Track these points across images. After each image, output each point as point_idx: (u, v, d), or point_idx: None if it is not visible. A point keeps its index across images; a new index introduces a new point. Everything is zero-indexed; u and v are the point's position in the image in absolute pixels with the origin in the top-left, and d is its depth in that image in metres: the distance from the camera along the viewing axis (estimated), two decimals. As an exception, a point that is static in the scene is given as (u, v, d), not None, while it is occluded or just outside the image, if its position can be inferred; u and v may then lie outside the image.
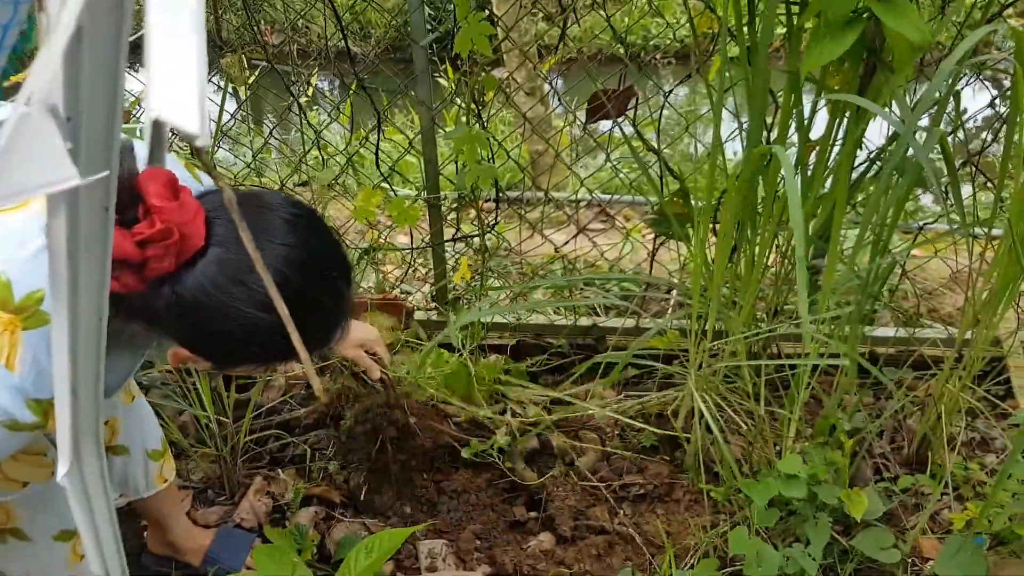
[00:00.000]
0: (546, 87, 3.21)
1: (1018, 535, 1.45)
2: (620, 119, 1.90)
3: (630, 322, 2.17)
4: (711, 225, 1.73)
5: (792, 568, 1.51)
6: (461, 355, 2.03)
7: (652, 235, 2.67)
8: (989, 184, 1.99)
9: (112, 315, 0.97)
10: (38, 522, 1.25)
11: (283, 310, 0.60)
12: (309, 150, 2.19)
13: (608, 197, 3.31)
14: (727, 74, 1.57)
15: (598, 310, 2.56)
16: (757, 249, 1.69)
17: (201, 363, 1.03)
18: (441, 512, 1.81)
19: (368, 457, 1.95)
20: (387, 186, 2.31)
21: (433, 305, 2.41)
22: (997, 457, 1.80)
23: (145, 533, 1.66)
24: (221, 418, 1.81)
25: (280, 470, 1.88)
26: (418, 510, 1.81)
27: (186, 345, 0.99)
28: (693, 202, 1.83)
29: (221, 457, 1.82)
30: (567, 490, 1.86)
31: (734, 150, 2.86)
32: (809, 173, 1.66)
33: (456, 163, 1.98)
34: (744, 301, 1.70)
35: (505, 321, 2.35)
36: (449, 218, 2.36)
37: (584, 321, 2.25)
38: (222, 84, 2.12)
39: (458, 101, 1.84)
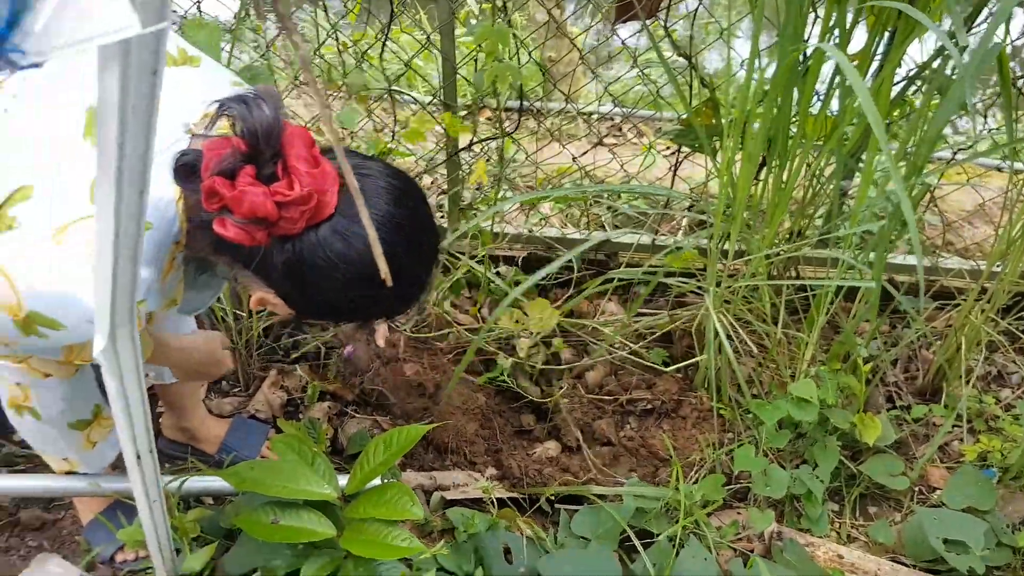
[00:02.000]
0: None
1: (1032, 469, 1.45)
2: (650, 21, 1.80)
3: (645, 239, 2.12)
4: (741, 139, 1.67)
5: (799, 488, 1.51)
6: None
7: (669, 152, 2.59)
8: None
9: (215, 258, 1.00)
10: (52, 408, 1.25)
11: (383, 268, 0.60)
12: (322, 45, 2.09)
13: (625, 110, 3.22)
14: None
15: (607, 226, 2.52)
16: (789, 167, 1.63)
17: (281, 312, 1.05)
18: (449, 416, 1.81)
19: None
20: (397, 89, 2.22)
21: (443, 213, 2.37)
22: (1013, 392, 1.79)
23: (160, 419, 1.67)
24: (238, 311, 1.79)
25: (295, 365, 1.88)
26: (427, 413, 1.82)
27: (284, 297, 1.00)
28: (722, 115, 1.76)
29: (236, 350, 1.81)
30: (574, 403, 1.86)
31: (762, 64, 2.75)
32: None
33: (475, 62, 1.90)
34: (770, 221, 1.66)
35: (517, 232, 2.30)
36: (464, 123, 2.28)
37: (597, 236, 2.20)
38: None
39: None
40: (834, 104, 1.67)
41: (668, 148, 3.15)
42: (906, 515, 1.57)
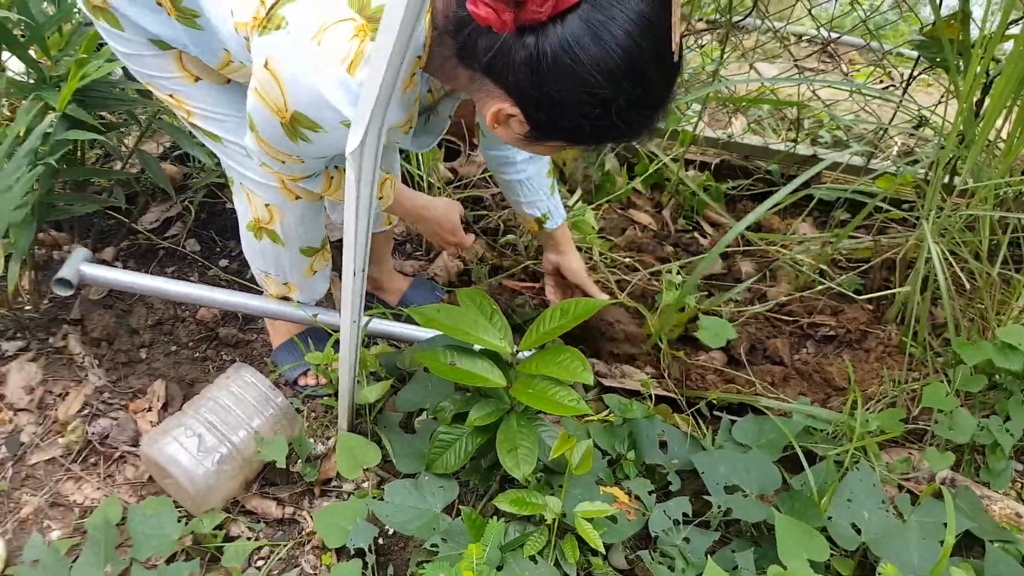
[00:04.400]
0: None
1: None
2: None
3: (857, 159, 1.98)
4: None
5: (985, 439, 1.41)
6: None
7: (883, 85, 2.37)
8: None
9: (454, 69, 0.97)
10: (292, 231, 1.37)
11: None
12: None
13: (841, 35, 2.97)
14: None
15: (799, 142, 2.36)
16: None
17: (515, 128, 1.00)
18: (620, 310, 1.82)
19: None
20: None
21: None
22: None
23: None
24: (431, 179, 1.85)
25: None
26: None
27: (522, 106, 0.96)
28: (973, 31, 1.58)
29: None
30: (749, 317, 1.80)
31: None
32: None
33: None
34: (1008, 152, 1.50)
35: (715, 136, 2.22)
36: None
37: (803, 150, 2.07)
38: None
39: None
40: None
41: (882, 82, 2.90)
42: (1103, 490, 1.43)
